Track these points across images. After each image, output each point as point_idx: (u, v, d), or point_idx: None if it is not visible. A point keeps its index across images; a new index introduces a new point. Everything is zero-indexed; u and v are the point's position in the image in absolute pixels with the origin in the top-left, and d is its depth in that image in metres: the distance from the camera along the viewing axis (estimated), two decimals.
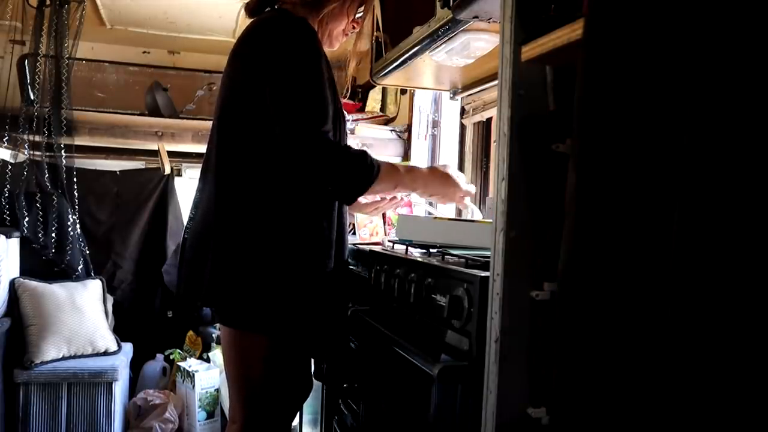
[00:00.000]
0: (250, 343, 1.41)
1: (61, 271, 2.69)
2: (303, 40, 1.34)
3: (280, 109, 1.30)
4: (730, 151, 0.56)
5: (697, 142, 0.58)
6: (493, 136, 2.38)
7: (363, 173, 1.33)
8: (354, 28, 1.54)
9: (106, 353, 2.55)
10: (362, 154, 1.34)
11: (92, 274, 2.79)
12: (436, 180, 1.49)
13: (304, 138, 1.29)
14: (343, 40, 1.56)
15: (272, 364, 1.43)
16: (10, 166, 2.65)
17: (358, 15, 1.52)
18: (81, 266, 2.74)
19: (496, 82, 1.02)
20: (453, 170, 1.52)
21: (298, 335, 1.43)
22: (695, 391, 0.59)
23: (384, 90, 3.14)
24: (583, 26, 0.71)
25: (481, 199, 2.46)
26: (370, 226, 2.16)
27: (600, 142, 0.67)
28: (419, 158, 2.82)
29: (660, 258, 0.61)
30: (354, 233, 2.23)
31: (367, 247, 1.70)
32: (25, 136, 2.64)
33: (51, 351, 2.41)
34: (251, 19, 1.48)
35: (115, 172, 3.06)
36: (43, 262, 2.65)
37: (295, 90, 1.30)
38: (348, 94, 2.89)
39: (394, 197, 1.65)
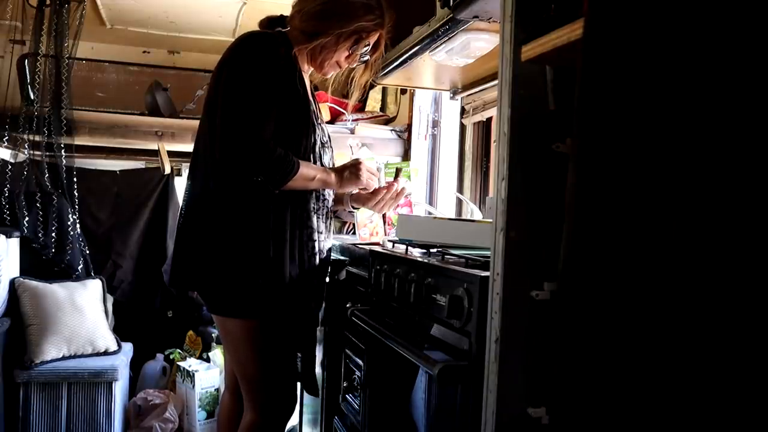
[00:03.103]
0: (234, 329, 1.56)
1: (61, 271, 2.69)
2: (261, 57, 1.49)
3: (220, 114, 1.47)
4: (729, 151, 0.56)
5: (697, 142, 0.58)
6: (493, 136, 2.38)
7: (285, 166, 1.48)
8: (349, 63, 1.67)
9: (106, 353, 2.55)
10: (285, 153, 1.49)
11: (92, 273, 2.79)
12: (345, 166, 1.69)
13: (233, 137, 1.44)
14: (337, 70, 1.69)
15: (257, 348, 1.56)
16: (10, 166, 2.65)
17: (359, 51, 1.63)
18: (81, 266, 2.74)
19: (496, 81, 1.02)
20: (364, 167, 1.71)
21: (271, 318, 1.55)
22: (695, 391, 0.59)
23: (384, 90, 3.14)
24: (583, 26, 0.71)
25: (481, 199, 2.46)
26: (370, 226, 2.15)
27: (600, 142, 0.67)
28: (419, 158, 2.82)
29: (660, 258, 0.61)
30: (354, 233, 2.23)
31: (367, 247, 1.70)
32: (25, 136, 2.63)
33: (51, 351, 2.41)
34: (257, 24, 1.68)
35: (115, 172, 3.06)
36: (43, 262, 2.65)
37: (233, 99, 1.46)
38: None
39: (396, 194, 1.77)
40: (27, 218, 2.59)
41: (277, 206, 1.53)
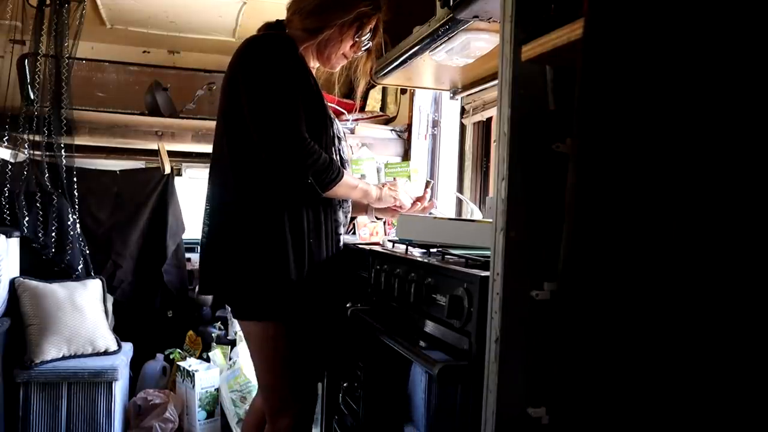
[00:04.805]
0: (260, 332, 1.54)
1: (61, 271, 2.68)
2: (277, 57, 1.48)
3: (255, 118, 1.45)
4: (729, 151, 0.56)
5: (696, 142, 0.58)
6: (493, 136, 2.38)
7: (331, 171, 1.50)
8: (355, 52, 1.67)
9: (106, 353, 2.55)
10: (330, 158, 1.51)
11: (92, 273, 2.79)
12: (384, 187, 1.74)
13: (282, 141, 1.43)
14: (344, 62, 1.69)
15: (285, 348, 1.54)
16: (10, 166, 2.64)
17: (363, 38, 1.64)
18: (81, 266, 2.73)
19: (496, 81, 1.02)
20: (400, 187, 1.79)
21: (298, 318, 1.54)
22: (695, 390, 0.59)
23: (384, 90, 3.14)
24: (583, 26, 0.71)
25: (481, 199, 2.46)
26: (370, 226, 2.15)
27: (600, 142, 0.67)
28: (419, 158, 2.82)
29: (659, 257, 0.61)
30: (354, 233, 2.23)
31: (367, 247, 1.70)
32: (25, 136, 2.63)
33: (51, 350, 2.41)
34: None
35: (115, 171, 3.06)
36: (43, 262, 2.65)
37: (267, 101, 1.45)
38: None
39: (423, 209, 1.82)
40: (27, 218, 2.59)
41: (313, 205, 1.53)
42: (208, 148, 2.95)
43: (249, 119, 1.46)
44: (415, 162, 2.76)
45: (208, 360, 2.81)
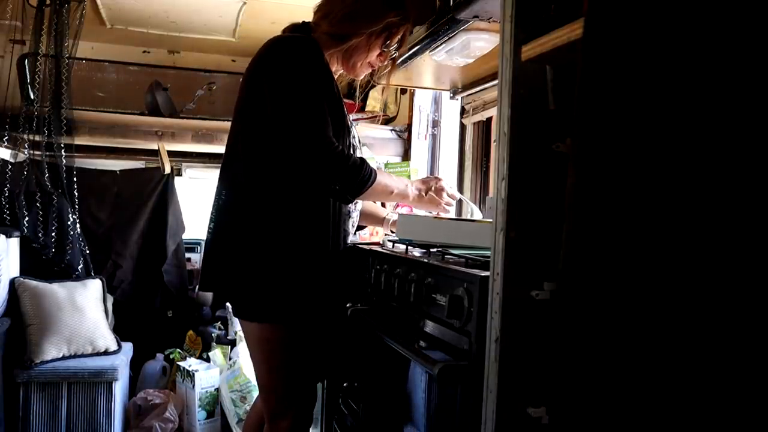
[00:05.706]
0: (260, 333, 1.53)
1: (61, 271, 2.69)
2: (304, 60, 1.45)
3: (283, 120, 1.42)
4: (729, 151, 0.56)
5: (696, 142, 0.58)
6: (493, 136, 2.38)
7: (362, 174, 1.46)
8: (381, 61, 1.64)
9: (106, 353, 2.55)
10: (362, 160, 1.47)
11: (92, 273, 2.79)
12: (428, 184, 1.68)
13: (309, 144, 1.40)
14: (370, 71, 1.67)
15: (283, 351, 1.53)
16: (10, 166, 2.64)
17: (391, 47, 1.61)
18: (81, 266, 2.74)
19: (496, 81, 1.02)
20: (446, 194, 1.71)
21: (299, 322, 1.53)
22: (694, 390, 0.59)
23: (384, 90, 3.14)
24: (583, 26, 0.71)
25: (481, 199, 2.46)
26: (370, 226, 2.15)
27: (599, 142, 0.67)
28: (419, 158, 2.82)
29: (659, 257, 0.61)
30: (354, 233, 2.23)
31: (367, 247, 1.70)
32: (25, 136, 2.63)
33: (51, 350, 2.41)
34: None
35: (115, 171, 3.06)
36: (43, 262, 2.65)
37: (295, 103, 1.42)
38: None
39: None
40: (27, 218, 2.59)
41: (323, 211, 1.51)
42: (208, 148, 2.97)
43: (274, 122, 1.43)
44: (415, 162, 2.76)
45: (208, 360, 2.81)
